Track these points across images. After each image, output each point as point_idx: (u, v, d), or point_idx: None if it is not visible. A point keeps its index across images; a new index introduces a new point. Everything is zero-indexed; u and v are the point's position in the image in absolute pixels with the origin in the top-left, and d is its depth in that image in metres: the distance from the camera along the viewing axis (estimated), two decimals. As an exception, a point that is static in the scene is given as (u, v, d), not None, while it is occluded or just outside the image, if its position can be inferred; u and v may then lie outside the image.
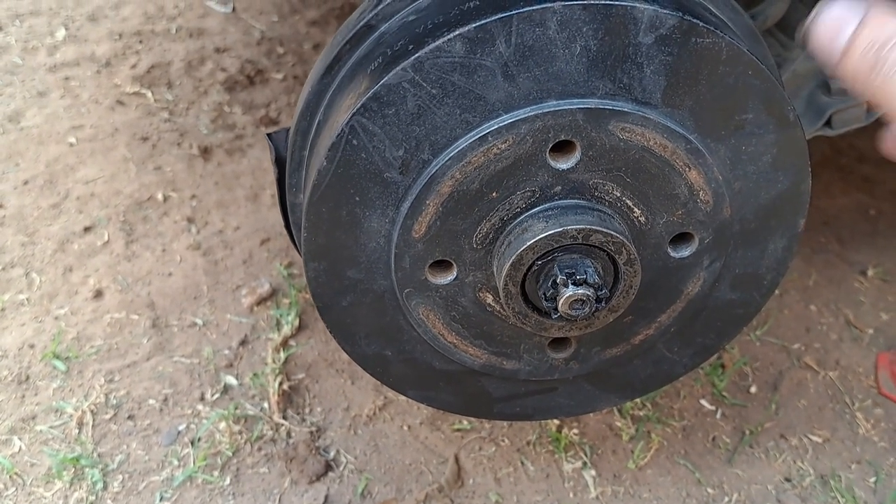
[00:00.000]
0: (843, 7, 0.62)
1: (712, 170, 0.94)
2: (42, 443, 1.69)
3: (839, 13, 0.62)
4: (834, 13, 0.63)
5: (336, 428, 1.74)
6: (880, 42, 0.59)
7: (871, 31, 0.60)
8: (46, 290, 1.99)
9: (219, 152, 2.39)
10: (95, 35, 2.82)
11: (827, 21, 0.63)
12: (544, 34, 0.85)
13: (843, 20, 0.62)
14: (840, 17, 0.62)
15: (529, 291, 0.98)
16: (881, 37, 0.59)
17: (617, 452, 1.72)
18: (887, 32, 0.59)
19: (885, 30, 0.60)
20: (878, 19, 0.60)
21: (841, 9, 0.62)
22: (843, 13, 0.62)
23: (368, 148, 0.90)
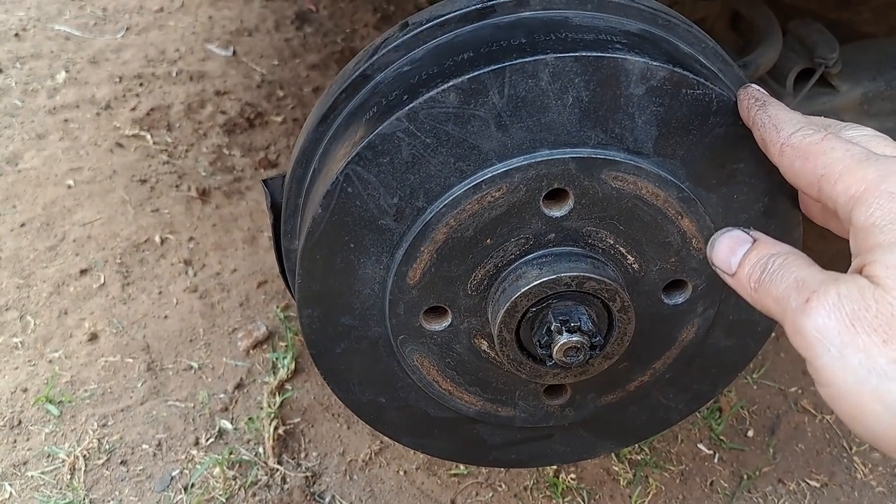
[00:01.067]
0: (740, 232, 0.76)
1: (705, 218, 0.95)
2: (33, 489, 1.67)
3: (738, 235, 0.76)
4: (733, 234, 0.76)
5: (332, 473, 1.73)
6: (768, 256, 0.70)
7: (759, 251, 0.72)
8: (41, 334, 1.98)
9: (217, 195, 2.40)
10: (96, 78, 2.85)
11: (725, 241, 0.76)
12: (537, 85, 0.86)
13: (739, 241, 0.75)
14: (738, 238, 0.76)
15: (524, 338, 0.98)
16: (769, 252, 0.71)
17: (615, 497, 1.71)
18: (774, 249, 0.71)
19: (772, 248, 0.71)
20: (768, 242, 0.73)
21: (739, 233, 0.76)
22: (741, 236, 0.75)
23: (363, 195, 0.91)
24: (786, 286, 0.65)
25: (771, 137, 0.77)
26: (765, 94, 0.86)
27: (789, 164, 0.74)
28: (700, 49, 0.99)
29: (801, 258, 0.68)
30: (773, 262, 0.69)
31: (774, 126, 0.77)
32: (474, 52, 0.89)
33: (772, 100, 0.84)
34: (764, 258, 0.70)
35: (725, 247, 0.75)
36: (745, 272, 0.71)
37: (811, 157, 0.70)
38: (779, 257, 0.69)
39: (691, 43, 0.99)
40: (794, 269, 0.66)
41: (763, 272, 0.69)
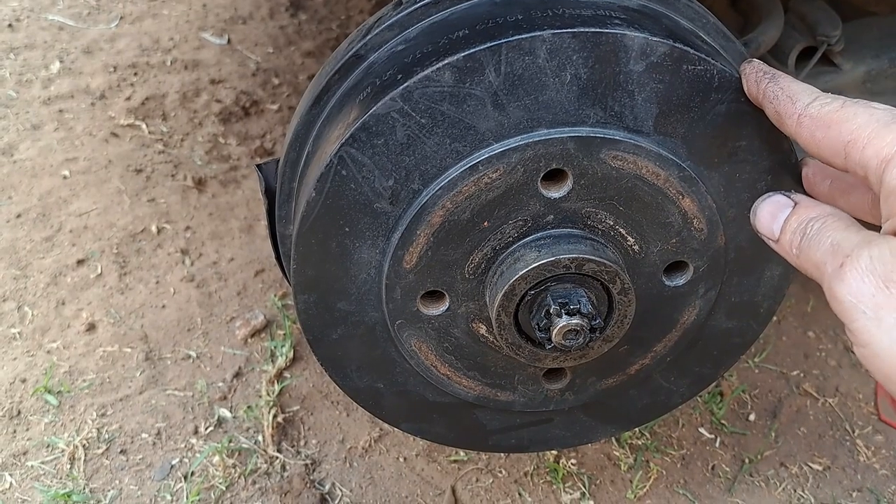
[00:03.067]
0: (781, 197, 0.76)
1: (706, 197, 0.93)
2: (33, 478, 1.66)
3: (779, 200, 0.75)
4: (774, 199, 0.76)
5: (331, 460, 1.72)
6: (808, 219, 0.70)
7: (800, 214, 0.72)
8: (39, 324, 1.97)
9: (213, 184, 2.39)
10: (90, 68, 2.83)
11: (767, 207, 0.76)
12: (534, 63, 0.84)
13: (780, 206, 0.75)
14: (779, 202, 0.75)
15: (523, 322, 0.96)
16: (808, 216, 0.70)
17: (616, 482, 1.70)
18: (813, 213, 0.70)
19: (812, 211, 0.71)
20: (808, 204, 0.73)
21: (780, 197, 0.76)
22: (782, 200, 0.75)
23: (357, 178, 0.89)
24: (823, 251, 0.65)
25: (787, 109, 0.76)
26: (771, 68, 0.84)
27: (809, 134, 0.72)
28: (701, 25, 0.98)
29: (840, 220, 0.67)
30: (812, 226, 0.68)
31: (789, 98, 0.76)
32: (469, 30, 0.87)
33: (780, 72, 0.82)
34: (804, 222, 0.69)
35: (767, 213, 0.75)
36: (787, 238, 0.71)
37: (834, 125, 0.69)
38: (817, 220, 0.68)
39: (692, 18, 0.97)
40: (830, 233, 0.66)
41: (803, 237, 0.68)
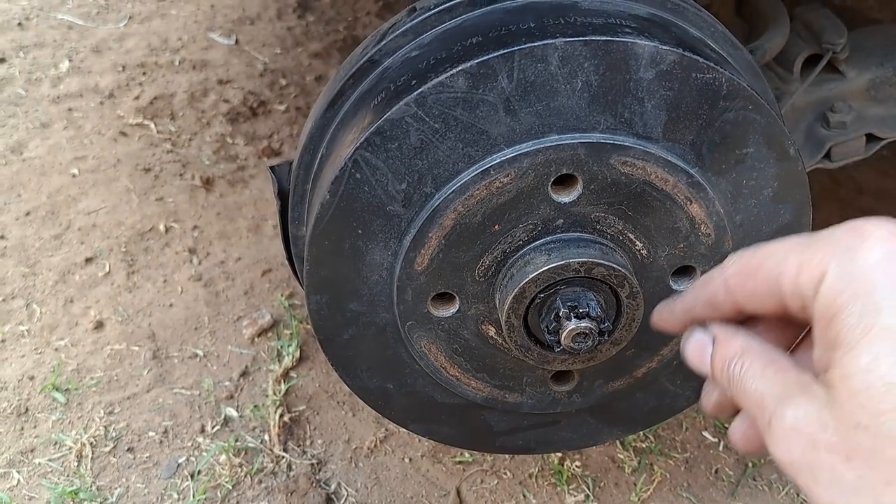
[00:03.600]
0: (700, 334, 0.70)
1: (714, 203, 0.95)
2: (41, 476, 1.68)
3: (698, 338, 0.70)
4: (695, 338, 0.71)
5: (337, 460, 1.73)
6: (728, 360, 0.65)
7: (719, 353, 0.67)
8: (47, 322, 1.99)
9: (221, 183, 2.40)
10: (99, 67, 2.85)
11: (691, 348, 0.71)
12: (546, 70, 0.85)
13: (702, 345, 0.69)
14: (699, 341, 0.70)
15: (532, 324, 0.98)
16: (727, 355, 0.66)
17: (619, 485, 1.71)
18: (730, 351, 0.66)
19: (728, 349, 0.66)
20: (723, 339, 0.68)
21: (699, 335, 0.70)
22: (701, 338, 0.70)
23: (371, 181, 0.91)
24: (751, 401, 0.61)
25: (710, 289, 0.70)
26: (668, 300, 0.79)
27: (743, 290, 0.66)
28: (709, 33, 0.99)
29: (757, 359, 0.63)
30: (733, 369, 0.64)
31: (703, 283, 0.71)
32: (483, 37, 0.89)
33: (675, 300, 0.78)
34: (725, 364, 0.65)
35: (693, 355, 0.70)
36: (719, 380, 0.67)
37: (759, 269, 0.64)
38: (735, 362, 0.64)
39: (700, 27, 0.99)
40: (751, 381, 0.62)
41: (730, 382, 0.65)
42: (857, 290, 0.54)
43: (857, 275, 0.55)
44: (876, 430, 0.51)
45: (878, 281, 0.54)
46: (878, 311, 0.53)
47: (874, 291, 0.53)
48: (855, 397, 0.52)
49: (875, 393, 0.51)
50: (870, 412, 0.51)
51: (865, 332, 0.53)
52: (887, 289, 0.53)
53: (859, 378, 0.52)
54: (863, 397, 0.52)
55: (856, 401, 0.52)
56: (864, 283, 0.54)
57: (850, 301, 0.54)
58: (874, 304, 0.53)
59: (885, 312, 0.53)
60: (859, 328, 0.53)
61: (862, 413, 0.52)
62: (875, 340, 0.52)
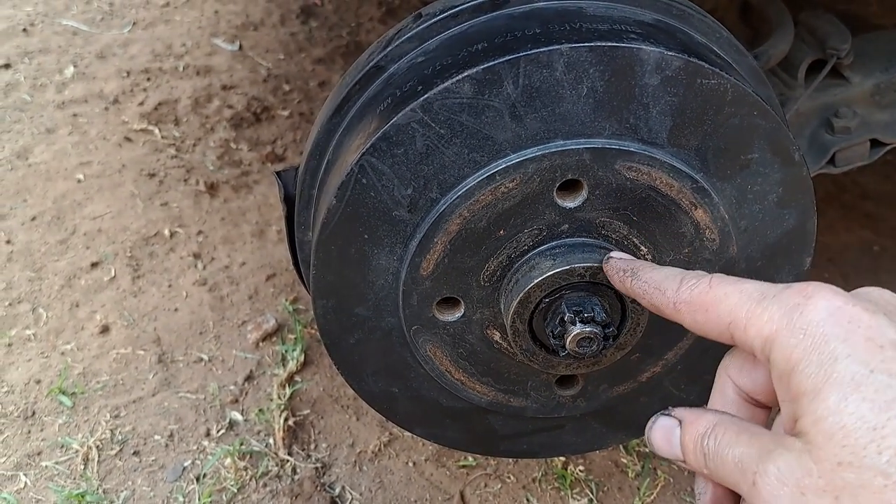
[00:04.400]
0: (665, 419, 0.71)
1: (718, 209, 0.95)
2: (47, 479, 1.68)
3: (663, 423, 0.71)
4: (659, 424, 0.71)
5: (341, 464, 1.73)
6: (700, 437, 0.66)
7: (689, 433, 0.67)
8: (53, 326, 1.99)
9: (225, 188, 2.41)
10: (104, 73, 2.86)
11: (657, 434, 0.71)
12: (551, 75, 0.86)
13: (668, 430, 0.70)
14: (665, 426, 0.70)
15: (537, 329, 0.98)
16: (698, 433, 0.66)
17: (623, 489, 1.71)
18: (700, 428, 0.66)
19: (698, 426, 0.67)
20: (691, 419, 0.68)
21: (664, 420, 0.71)
22: (666, 423, 0.70)
23: (378, 187, 0.91)
24: (730, 471, 0.62)
25: (660, 301, 0.74)
26: (630, 260, 0.85)
27: (692, 319, 0.70)
28: (714, 39, 1.00)
29: (728, 428, 0.64)
30: (707, 444, 0.65)
31: (657, 289, 0.74)
32: (488, 43, 0.89)
33: (639, 263, 0.83)
34: (697, 442, 0.66)
35: (660, 440, 0.71)
36: (691, 460, 0.67)
37: (711, 308, 0.67)
38: (708, 437, 0.65)
39: (705, 33, 0.99)
40: (728, 449, 0.63)
41: (705, 458, 0.65)
42: (811, 343, 0.58)
43: (808, 329, 0.58)
44: (859, 465, 0.53)
45: (830, 332, 0.57)
46: (834, 359, 0.56)
47: (828, 342, 0.57)
48: (832, 437, 0.54)
49: (850, 430, 0.54)
50: (849, 449, 0.53)
51: (827, 378, 0.56)
52: (839, 338, 0.57)
53: (831, 419, 0.55)
54: (839, 436, 0.54)
55: (833, 441, 0.54)
56: (817, 336, 0.58)
57: (805, 353, 0.58)
58: (830, 352, 0.56)
59: (841, 359, 0.56)
60: (820, 375, 0.56)
61: (842, 451, 0.54)
62: (838, 384, 0.55)
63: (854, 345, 0.56)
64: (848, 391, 0.55)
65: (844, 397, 0.55)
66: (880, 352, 0.56)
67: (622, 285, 0.83)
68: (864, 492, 0.53)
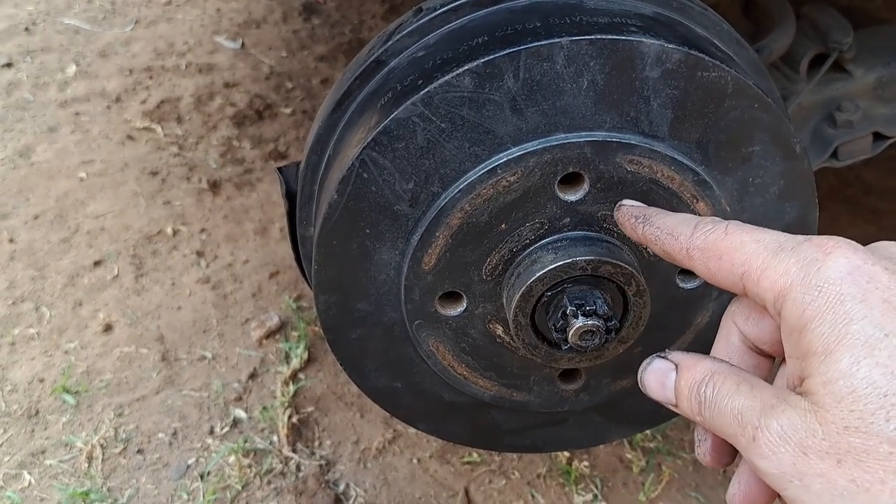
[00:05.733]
0: (660, 362, 0.70)
1: (720, 201, 0.95)
2: (51, 477, 1.69)
3: (659, 366, 0.69)
4: (654, 366, 0.70)
5: (345, 461, 1.73)
6: (696, 384, 0.65)
7: (685, 378, 0.66)
8: (56, 325, 2.00)
9: (228, 186, 2.41)
10: (106, 71, 2.86)
11: (651, 377, 0.70)
12: (552, 69, 0.86)
13: (663, 372, 0.69)
14: (660, 369, 0.69)
15: (539, 323, 0.98)
16: (694, 379, 0.65)
17: (628, 485, 1.71)
18: (698, 374, 0.65)
19: (695, 372, 0.65)
20: (688, 364, 0.67)
21: (659, 363, 0.70)
22: (661, 366, 0.69)
23: (379, 181, 0.91)
24: (728, 422, 0.60)
25: (673, 247, 0.72)
26: (642, 207, 0.83)
27: (703, 266, 0.68)
28: (715, 32, 0.99)
29: (728, 377, 0.63)
30: (704, 391, 0.64)
31: (670, 234, 0.72)
32: (489, 37, 0.89)
33: (651, 210, 0.80)
34: (693, 387, 0.65)
35: (653, 383, 0.69)
36: (684, 406, 0.66)
37: (725, 255, 0.65)
38: (705, 384, 0.64)
39: (706, 26, 0.99)
40: (727, 400, 0.61)
41: (700, 405, 0.64)
42: (826, 301, 0.56)
43: (824, 287, 0.57)
44: (866, 430, 0.52)
45: (846, 292, 0.56)
46: (848, 320, 0.55)
47: (843, 302, 0.56)
48: (841, 401, 0.53)
49: (860, 394, 0.53)
50: (857, 414, 0.53)
51: (840, 340, 0.55)
52: (856, 298, 0.55)
53: (842, 382, 0.54)
54: (849, 400, 0.53)
55: (842, 404, 0.53)
56: (832, 294, 0.56)
57: (819, 312, 0.56)
58: (845, 313, 0.55)
59: (856, 320, 0.55)
60: (833, 336, 0.55)
61: (849, 415, 0.53)
62: (851, 346, 0.54)
63: (871, 306, 0.55)
64: (861, 354, 0.54)
65: (857, 360, 0.54)
66: None
67: (633, 232, 0.80)
68: (868, 458, 0.52)
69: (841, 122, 1.41)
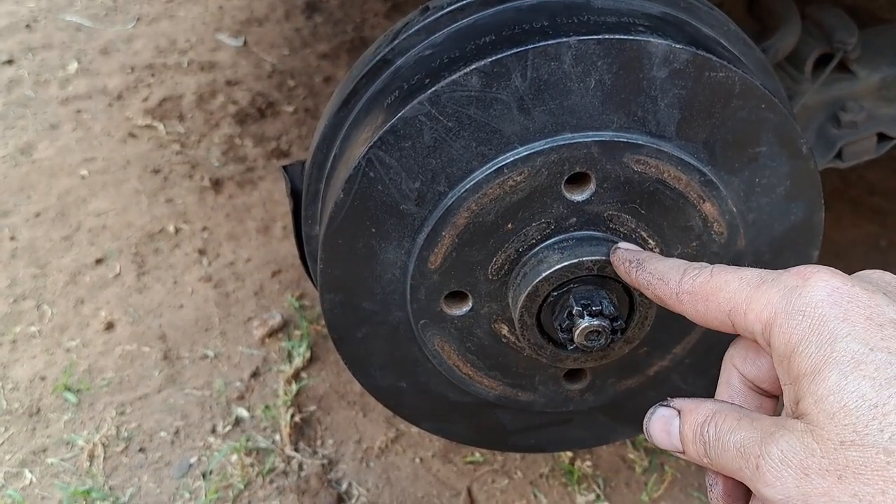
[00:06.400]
0: (663, 410, 0.71)
1: (726, 202, 0.95)
2: (53, 475, 1.68)
3: (662, 414, 0.71)
4: (658, 415, 0.71)
5: (348, 460, 1.73)
6: (699, 426, 0.66)
7: (688, 422, 0.67)
8: (58, 323, 1.99)
9: (230, 185, 2.41)
10: (107, 68, 2.86)
11: (656, 426, 0.71)
12: (559, 68, 0.85)
13: (667, 420, 0.70)
14: (664, 416, 0.70)
15: (545, 323, 0.98)
16: (696, 422, 0.66)
17: (630, 485, 1.71)
18: (700, 416, 0.66)
19: (697, 415, 0.67)
20: (690, 408, 0.68)
21: (662, 411, 0.71)
22: (665, 413, 0.71)
23: (385, 180, 0.91)
24: (732, 457, 0.61)
25: (663, 292, 0.74)
26: (636, 251, 0.85)
27: (693, 309, 0.71)
28: (722, 32, 0.99)
29: (728, 415, 0.64)
30: (707, 432, 0.65)
31: (661, 280, 0.75)
32: (496, 36, 0.89)
33: (645, 254, 0.83)
34: (697, 430, 0.66)
35: (659, 431, 0.71)
36: (691, 451, 0.67)
37: (711, 297, 0.68)
38: (708, 425, 0.65)
39: (713, 26, 0.99)
40: (728, 436, 0.62)
41: (705, 446, 0.65)
42: (810, 324, 0.58)
43: (807, 311, 0.59)
44: (861, 443, 0.53)
45: (828, 313, 0.58)
46: (833, 338, 0.56)
47: (826, 323, 0.57)
48: (833, 416, 0.54)
49: (851, 408, 0.54)
50: (851, 427, 0.54)
51: (826, 359, 0.56)
52: (839, 318, 0.57)
53: (832, 398, 0.55)
54: (841, 415, 0.54)
55: (835, 420, 0.54)
56: (815, 316, 0.58)
57: (805, 335, 0.58)
58: (829, 333, 0.57)
59: (840, 338, 0.56)
60: (819, 356, 0.57)
61: (844, 430, 0.54)
62: (838, 363, 0.55)
63: (853, 324, 0.57)
64: (848, 370, 0.55)
65: (845, 376, 0.55)
66: (879, 330, 0.56)
67: (627, 276, 0.83)
68: (867, 470, 0.52)
69: (845, 123, 1.41)
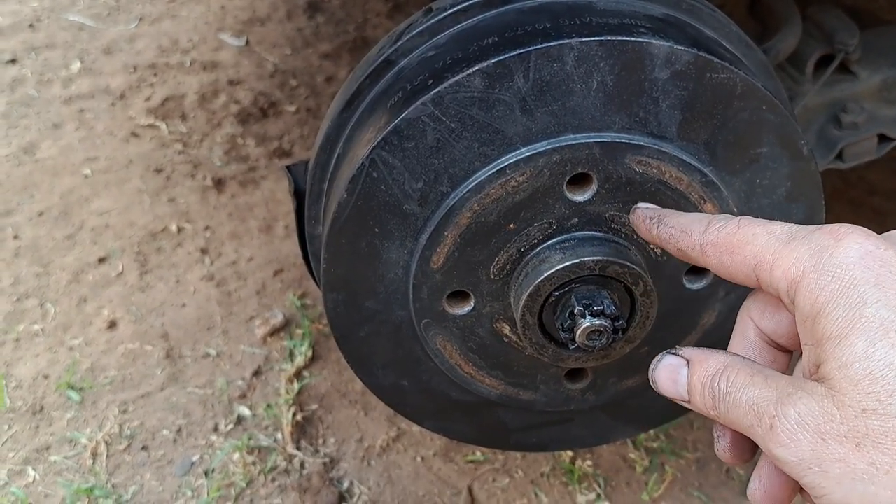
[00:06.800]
0: (671, 358, 0.69)
1: (728, 202, 0.95)
2: (56, 473, 1.69)
3: (670, 362, 0.69)
4: (665, 363, 0.69)
5: (349, 459, 1.74)
6: (709, 378, 0.64)
7: (698, 373, 0.66)
8: (61, 321, 2.00)
9: (232, 184, 2.41)
10: (110, 68, 2.86)
11: (662, 374, 0.69)
12: (562, 69, 0.86)
13: (674, 369, 0.68)
14: (671, 365, 0.69)
15: (546, 322, 0.98)
16: (707, 374, 0.65)
17: (631, 484, 1.71)
18: (710, 369, 0.65)
19: (707, 367, 0.65)
20: (700, 359, 0.67)
21: (670, 359, 0.69)
22: (673, 362, 0.69)
23: (388, 180, 0.91)
24: (743, 413, 0.60)
25: (687, 244, 0.72)
26: (656, 208, 0.82)
27: (717, 261, 0.68)
28: (724, 33, 1.00)
29: (741, 370, 0.63)
30: (717, 385, 0.63)
31: (684, 232, 0.72)
32: (499, 37, 0.89)
33: (665, 210, 0.80)
34: (706, 382, 0.64)
35: (665, 379, 0.69)
36: (697, 401, 0.66)
37: (737, 249, 0.65)
38: (719, 377, 0.63)
39: (715, 27, 0.99)
40: (741, 392, 0.61)
41: (714, 399, 0.63)
42: (839, 286, 0.56)
43: (837, 272, 0.57)
44: (884, 412, 0.52)
45: (859, 276, 0.56)
46: (862, 303, 0.55)
47: (856, 286, 0.56)
48: (857, 384, 0.53)
49: (877, 376, 0.53)
50: (875, 396, 0.53)
51: (854, 323, 0.55)
52: (870, 282, 0.55)
53: (858, 365, 0.54)
54: (865, 382, 0.53)
55: (859, 387, 0.53)
56: (845, 279, 0.56)
57: (833, 297, 0.56)
58: (858, 297, 0.55)
59: (870, 304, 0.54)
60: (847, 320, 0.55)
61: (867, 398, 0.53)
62: (866, 329, 0.54)
63: (885, 290, 0.55)
64: (876, 337, 0.54)
65: (872, 343, 0.53)
66: None
67: (648, 233, 0.80)
68: (886, 440, 0.52)
69: (846, 124, 1.41)
